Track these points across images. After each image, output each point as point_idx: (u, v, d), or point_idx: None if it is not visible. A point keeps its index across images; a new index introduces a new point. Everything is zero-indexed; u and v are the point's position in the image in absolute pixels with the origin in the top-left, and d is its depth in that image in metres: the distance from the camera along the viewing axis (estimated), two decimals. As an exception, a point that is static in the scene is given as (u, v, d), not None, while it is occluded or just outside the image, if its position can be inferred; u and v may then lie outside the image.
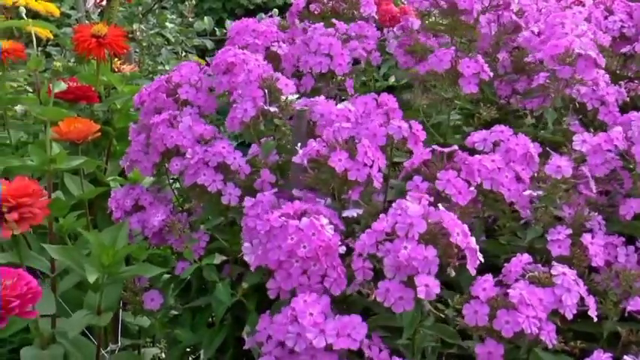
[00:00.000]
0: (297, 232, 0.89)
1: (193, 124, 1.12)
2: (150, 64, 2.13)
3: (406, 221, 0.83)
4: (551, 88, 1.13)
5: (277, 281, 0.91)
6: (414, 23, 1.34)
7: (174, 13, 2.58)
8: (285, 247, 0.89)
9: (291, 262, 0.89)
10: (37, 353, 1.18)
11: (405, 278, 0.83)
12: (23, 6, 1.61)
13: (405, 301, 0.83)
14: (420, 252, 0.82)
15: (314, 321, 0.84)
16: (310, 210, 0.93)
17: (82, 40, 1.46)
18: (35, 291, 0.88)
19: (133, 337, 1.44)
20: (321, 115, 1.05)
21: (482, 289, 0.85)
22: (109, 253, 1.10)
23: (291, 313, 0.85)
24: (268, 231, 0.91)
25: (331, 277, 0.89)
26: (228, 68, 1.16)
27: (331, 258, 0.90)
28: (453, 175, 0.94)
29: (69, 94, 1.46)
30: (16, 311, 0.85)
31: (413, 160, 0.99)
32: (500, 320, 0.82)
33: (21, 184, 1.11)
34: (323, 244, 0.89)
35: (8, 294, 0.85)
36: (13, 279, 0.87)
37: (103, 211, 1.40)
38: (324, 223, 0.90)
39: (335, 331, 0.84)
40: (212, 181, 1.07)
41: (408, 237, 0.83)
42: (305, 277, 0.89)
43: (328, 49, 1.22)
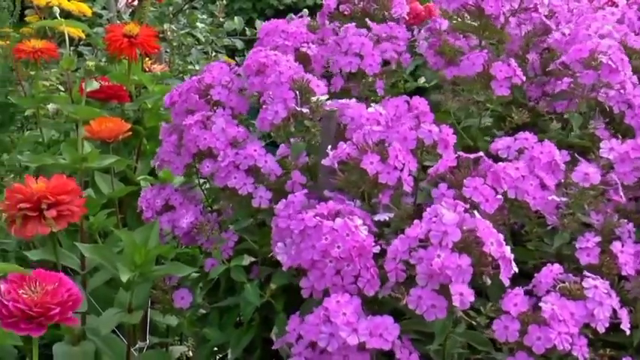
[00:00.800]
0: (331, 232, 0.89)
1: (226, 126, 1.13)
2: (180, 64, 2.15)
3: (440, 229, 0.83)
4: (576, 93, 1.12)
5: (310, 281, 0.91)
6: (441, 24, 1.33)
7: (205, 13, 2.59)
8: (319, 247, 0.89)
9: (325, 262, 0.89)
10: (68, 350, 1.20)
11: (437, 286, 0.82)
12: (56, 6, 1.63)
13: (437, 309, 0.82)
14: (454, 261, 0.81)
15: (347, 320, 0.84)
16: (344, 211, 0.94)
17: (113, 40, 1.47)
18: (76, 298, 0.87)
19: (161, 335, 1.45)
20: (352, 118, 1.04)
21: (514, 305, 0.84)
22: (141, 252, 1.11)
23: (324, 313, 0.86)
24: (302, 230, 0.91)
25: (365, 277, 0.89)
26: (259, 69, 1.16)
27: (365, 259, 0.90)
28: (479, 182, 0.93)
29: (100, 93, 1.48)
30: (57, 319, 0.84)
31: (438, 167, 0.98)
32: (532, 336, 0.82)
33: (59, 182, 1.12)
34: (357, 244, 0.89)
35: (49, 301, 0.84)
36: (54, 284, 0.86)
37: (132, 210, 1.41)
38: (359, 224, 0.90)
39: (368, 331, 0.84)
40: (243, 184, 1.07)
41: (442, 245, 0.82)
42: (338, 277, 0.90)
43: (359, 49, 1.22)
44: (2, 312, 0.83)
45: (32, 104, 1.54)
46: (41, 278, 0.86)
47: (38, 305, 0.83)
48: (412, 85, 1.46)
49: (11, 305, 0.83)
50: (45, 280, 0.86)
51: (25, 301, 0.83)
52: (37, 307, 0.83)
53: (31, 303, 0.83)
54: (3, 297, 0.84)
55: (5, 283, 0.85)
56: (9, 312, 0.83)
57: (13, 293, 0.84)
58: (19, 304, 0.83)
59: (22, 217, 1.09)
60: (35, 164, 1.39)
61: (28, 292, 0.85)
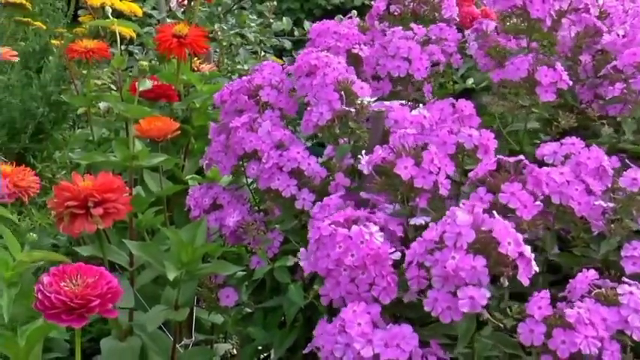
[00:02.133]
0: (345, 240, 0.89)
1: (272, 129, 1.13)
2: (229, 64, 2.16)
3: (454, 230, 0.82)
4: (629, 99, 1.09)
5: (327, 288, 0.91)
6: (488, 25, 1.32)
7: (253, 13, 2.61)
8: (333, 256, 0.89)
9: (340, 270, 0.89)
10: (115, 345, 1.21)
11: (452, 289, 0.81)
12: (109, 6, 1.65)
13: (452, 311, 0.81)
14: (468, 262, 0.80)
15: (362, 331, 0.84)
16: (362, 217, 0.93)
17: (163, 40, 1.49)
18: (115, 291, 0.88)
19: (206, 332, 1.47)
20: (396, 121, 1.04)
21: (538, 308, 0.82)
22: (188, 250, 1.12)
23: (340, 323, 0.86)
24: (318, 239, 0.91)
25: (380, 285, 0.89)
26: (310, 71, 1.16)
27: (380, 266, 0.89)
28: (517, 187, 0.92)
29: (150, 92, 1.49)
30: (96, 310, 0.86)
31: (477, 171, 0.97)
32: (556, 340, 0.80)
33: (106, 180, 1.14)
34: (371, 252, 0.88)
35: (89, 293, 0.86)
36: (95, 277, 0.88)
37: (180, 208, 1.42)
38: (374, 231, 0.90)
39: (383, 342, 0.83)
40: (286, 186, 1.08)
41: (457, 247, 0.81)
42: (353, 285, 0.89)
43: (407, 53, 1.21)
44: (45, 304, 0.85)
45: (84, 103, 1.56)
46: (82, 271, 0.88)
47: (79, 297, 0.85)
48: (461, 87, 1.45)
49: (53, 297, 0.85)
50: (86, 273, 0.88)
51: (66, 293, 0.85)
52: (78, 298, 0.85)
53: (72, 295, 0.85)
54: (45, 289, 0.86)
55: (48, 276, 0.87)
56: (51, 304, 0.85)
57: (55, 285, 0.86)
58: (61, 295, 0.85)
59: (70, 214, 1.11)
60: (86, 162, 1.41)
61: (69, 284, 0.87)
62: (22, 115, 1.83)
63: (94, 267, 0.90)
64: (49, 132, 1.90)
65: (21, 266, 0.91)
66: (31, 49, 1.95)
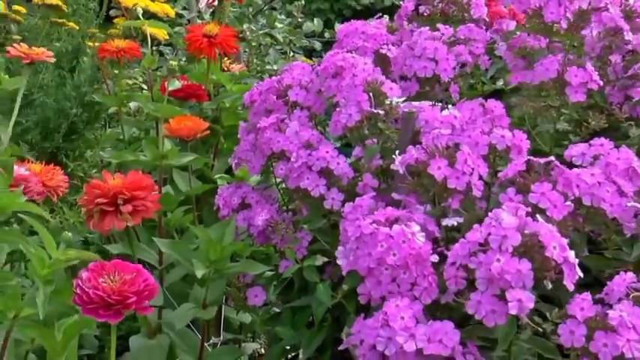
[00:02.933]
0: (387, 239, 0.88)
1: (300, 129, 1.13)
2: (258, 64, 2.17)
3: (500, 233, 0.81)
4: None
5: (367, 287, 0.91)
6: (508, 25, 1.31)
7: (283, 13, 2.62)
8: (374, 255, 0.88)
9: (381, 269, 0.89)
10: (145, 342, 1.23)
11: (497, 291, 0.81)
12: (141, 7, 1.67)
13: (497, 314, 0.81)
14: (514, 265, 0.80)
15: (405, 325, 0.84)
16: (403, 217, 0.93)
17: (194, 40, 1.50)
18: (152, 288, 0.89)
19: (234, 331, 1.47)
20: (426, 121, 1.04)
21: (580, 309, 0.81)
22: (217, 248, 1.13)
23: (383, 317, 0.85)
24: (359, 237, 0.91)
25: (421, 285, 0.88)
26: (337, 72, 1.16)
27: (422, 266, 0.89)
28: (547, 187, 0.91)
29: (180, 91, 1.51)
30: (133, 307, 0.87)
31: (507, 171, 0.96)
32: (598, 343, 0.79)
33: (135, 178, 1.15)
34: (413, 252, 0.88)
35: (126, 289, 0.87)
36: (132, 274, 0.89)
37: (209, 207, 1.43)
38: (415, 231, 0.89)
39: (426, 337, 0.83)
40: (315, 186, 1.08)
41: (502, 249, 0.81)
42: (394, 284, 0.89)
43: (433, 54, 1.20)
44: (83, 298, 0.87)
45: (115, 102, 1.58)
46: (120, 268, 0.90)
47: (116, 293, 0.86)
48: (490, 88, 1.44)
49: (91, 292, 0.86)
50: (123, 270, 0.90)
51: (104, 288, 0.87)
52: (115, 294, 0.86)
53: (110, 291, 0.87)
54: (84, 284, 0.87)
55: (86, 272, 0.89)
56: (89, 299, 0.86)
57: (93, 281, 0.87)
58: (99, 291, 0.86)
59: (100, 211, 1.13)
60: (116, 160, 1.42)
61: (107, 280, 0.88)
62: (56, 115, 1.85)
63: (131, 264, 0.91)
64: (82, 131, 1.92)
65: (57, 264, 0.92)
66: (65, 50, 1.98)
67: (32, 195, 1.11)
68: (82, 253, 0.95)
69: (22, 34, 1.95)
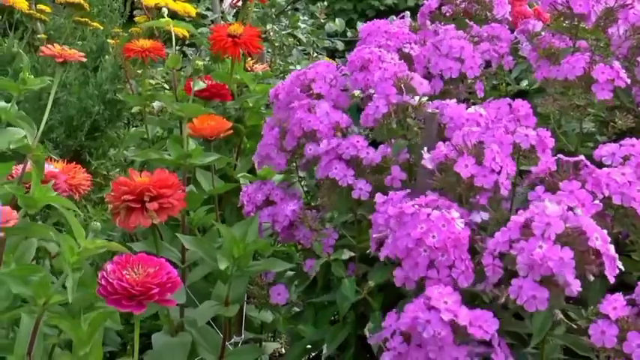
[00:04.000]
0: (427, 221, 0.89)
1: (330, 110, 1.14)
2: (281, 64, 2.18)
3: (544, 220, 0.82)
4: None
5: (404, 270, 0.91)
6: (535, 25, 1.30)
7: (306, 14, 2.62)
8: (414, 235, 0.89)
9: (419, 250, 0.89)
10: (167, 340, 1.23)
11: (538, 277, 0.81)
12: (164, 7, 1.68)
13: (538, 300, 0.81)
14: (556, 252, 0.80)
15: (448, 307, 0.84)
16: (443, 205, 0.94)
17: (218, 39, 1.50)
18: (174, 281, 0.91)
19: (255, 330, 1.48)
20: (451, 118, 1.04)
21: (613, 308, 0.81)
22: (240, 246, 1.13)
23: (425, 301, 0.86)
24: (399, 217, 0.91)
25: (459, 268, 0.89)
26: (363, 65, 1.17)
27: (460, 251, 0.89)
28: (577, 186, 0.91)
29: (204, 91, 1.51)
30: (156, 298, 0.89)
31: (537, 170, 0.97)
32: (631, 343, 0.79)
33: (162, 176, 1.16)
34: (452, 235, 0.89)
35: (150, 281, 0.89)
36: (156, 267, 0.91)
37: (231, 207, 1.44)
38: (455, 217, 0.90)
39: (468, 319, 0.84)
40: (343, 175, 1.08)
41: (544, 237, 0.81)
42: (433, 267, 0.90)
43: (459, 53, 1.20)
44: (107, 289, 0.89)
45: (139, 102, 1.58)
46: (143, 262, 0.92)
47: (139, 284, 0.88)
48: (514, 89, 1.44)
49: (116, 283, 0.88)
50: (147, 263, 0.92)
51: (127, 280, 0.88)
52: (139, 286, 0.88)
53: (133, 282, 0.88)
54: (108, 276, 0.89)
55: (111, 264, 0.91)
56: (113, 289, 0.88)
57: (117, 273, 0.89)
58: (123, 282, 0.88)
59: (126, 208, 1.14)
60: (141, 159, 1.43)
61: (130, 272, 0.90)
62: (79, 113, 1.87)
63: (154, 258, 0.93)
64: (104, 130, 1.94)
65: (85, 253, 0.94)
66: (89, 49, 1.99)
67: (59, 192, 1.12)
68: (109, 244, 0.97)
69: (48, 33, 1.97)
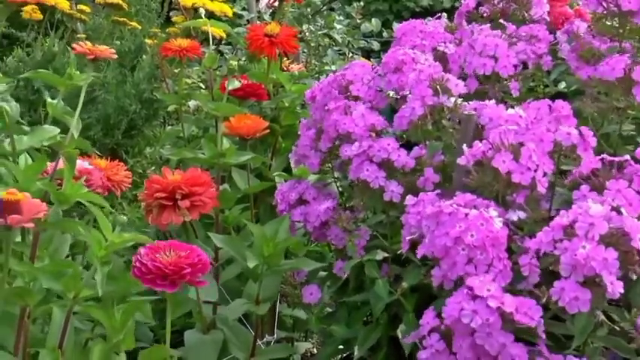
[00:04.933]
0: (465, 219, 0.89)
1: (366, 112, 1.14)
2: (316, 64, 2.18)
3: (587, 220, 0.81)
4: None
5: (443, 269, 0.91)
6: (579, 26, 1.28)
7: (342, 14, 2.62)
8: (452, 234, 0.89)
9: (458, 249, 0.89)
10: (200, 337, 1.24)
11: (581, 278, 0.80)
12: (200, 6, 1.69)
13: (580, 302, 0.80)
14: (600, 253, 0.79)
15: (492, 295, 0.84)
16: (480, 204, 0.94)
17: (255, 39, 1.51)
18: (205, 262, 0.95)
19: (287, 330, 1.48)
20: (490, 119, 1.03)
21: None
22: (270, 244, 1.14)
23: (467, 292, 0.86)
24: (437, 217, 0.91)
25: (497, 267, 0.89)
26: (397, 67, 1.16)
27: (498, 250, 0.89)
28: (623, 185, 0.90)
29: (239, 91, 1.52)
30: (187, 278, 0.93)
31: (581, 169, 0.96)
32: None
33: (194, 174, 1.17)
34: (491, 234, 0.88)
35: (182, 262, 0.93)
36: (187, 251, 0.96)
37: (266, 206, 1.44)
38: (493, 216, 0.90)
39: (514, 306, 0.83)
40: (375, 177, 1.08)
41: (588, 237, 0.81)
42: (471, 266, 0.89)
43: (494, 51, 1.19)
44: (142, 270, 0.94)
45: (175, 100, 1.59)
46: (174, 247, 0.97)
47: (172, 264, 0.93)
48: (552, 90, 1.42)
49: (150, 264, 0.93)
50: (178, 248, 0.97)
51: (161, 260, 0.93)
52: (172, 265, 0.93)
53: (166, 262, 0.93)
54: (142, 258, 0.94)
55: (144, 249, 0.96)
56: (147, 269, 0.93)
57: (150, 255, 0.95)
58: (156, 262, 0.93)
59: (158, 206, 1.15)
60: (176, 157, 1.44)
61: (163, 256, 0.95)
62: (116, 112, 1.89)
63: (185, 244, 0.98)
64: (141, 128, 1.96)
65: (112, 246, 0.97)
66: (127, 48, 2.01)
67: (95, 188, 1.13)
68: (137, 236, 0.99)
69: (87, 33, 1.99)
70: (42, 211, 0.90)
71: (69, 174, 0.99)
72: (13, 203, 0.87)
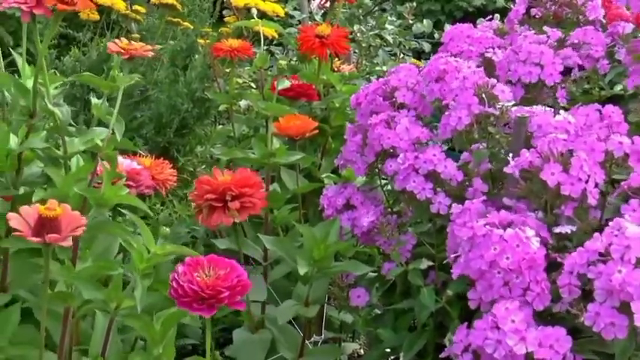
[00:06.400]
0: (500, 242, 0.87)
1: (410, 126, 1.13)
2: (367, 65, 2.17)
3: (623, 243, 0.78)
4: None
5: (478, 292, 0.90)
6: (625, 28, 1.25)
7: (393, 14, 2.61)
8: (487, 257, 0.87)
9: (493, 272, 0.87)
10: (248, 336, 1.25)
11: (617, 304, 0.78)
12: (253, 7, 1.70)
13: (616, 327, 0.78)
14: (637, 277, 0.77)
15: (515, 328, 0.82)
16: (517, 221, 0.91)
17: (306, 40, 1.51)
18: (244, 284, 0.91)
19: (334, 330, 1.48)
20: (539, 126, 1.01)
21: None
22: (320, 247, 1.14)
23: (492, 320, 0.84)
24: (471, 238, 0.90)
25: (534, 291, 0.86)
26: (439, 76, 1.15)
27: (535, 272, 0.87)
28: None
29: (290, 91, 1.52)
30: (225, 301, 0.89)
31: (631, 182, 0.93)
32: None
33: (244, 175, 1.18)
34: (527, 256, 0.86)
35: (220, 284, 0.89)
36: (226, 269, 0.91)
37: (314, 206, 1.44)
38: (530, 235, 0.87)
39: (537, 341, 0.81)
40: (421, 189, 1.07)
41: (624, 260, 0.78)
42: (506, 289, 0.87)
43: (539, 58, 1.17)
44: (178, 292, 0.89)
45: (226, 100, 1.61)
46: (214, 263, 0.91)
47: (210, 287, 0.88)
48: (608, 93, 1.39)
49: (186, 286, 0.88)
50: (218, 265, 0.91)
51: (198, 283, 0.88)
52: (209, 289, 0.88)
53: (204, 285, 0.88)
54: (179, 278, 0.89)
55: (182, 266, 0.91)
56: (184, 292, 0.88)
57: (188, 275, 0.89)
58: (193, 285, 0.88)
59: (208, 207, 1.16)
60: (226, 157, 1.45)
61: (201, 275, 0.90)
62: (168, 111, 1.91)
63: (225, 259, 0.93)
64: (192, 127, 1.98)
65: (154, 259, 0.95)
66: (179, 48, 2.04)
67: (143, 189, 1.14)
68: (180, 249, 0.98)
69: (142, 33, 2.02)
70: (80, 226, 0.87)
71: (108, 177, 0.98)
72: (51, 220, 0.84)
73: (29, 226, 0.85)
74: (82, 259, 1.00)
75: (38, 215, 0.85)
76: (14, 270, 1.01)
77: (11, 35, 2.85)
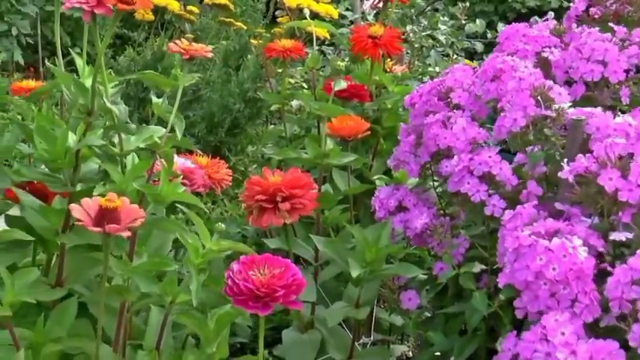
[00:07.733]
0: (546, 252, 0.85)
1: (467, 126, 1.12)
2: (419, 66, 2.16)
3: None
4: None
5: (523, 301, 0.88)
6: None
7: (446, 15, 2.59)
8: (532, 268, 0.85)
9: (539, 283, 0.86)
10: (297, 337, 1.25)
11: None
12: (306, 8, 1.70)
13: None
14: None
15: (565, 341, 0.80)
16: (563, 229, 0.89)
17: (358, 40, 1.51)
18: (299, 283, 0.91)
19: (383, 332, 1.47)
20: (597, 128, 0.99)
21: None
22: (372, 250, 1.13)
23: (541, 331, 0.82)
24: (517, 249, 0.88)
25: (582, 302, 0.84)
26: (495, 75, 1.13)
27: (583, 283, 0.84)
28: None
29: (342, 91, 1.52)
30: (280, 300, 0.89)
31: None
32: None
33: (294, 176, 1.18)
34: (574, 267, 0.84)
35: (275, 283, 0.89)
36: (281, 268, 0.91)
37: (365, 208, 1.44)
38: (577, 245, 0.85)
39: (588, 354, 0.79)
40: (476, 191, 1.05)
41: None
42: (553, 300, 0.85)
43: (603, 55, 1.14)
44: (233, 290, 0.90)
45: (278, 100, 1.61)
46: (269, 262, 0.92)
47: (265, 286, 0.89)
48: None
49: (242, 284, 0.89)
50: (273, 264, 0.92)
51: (253, 281, 0.89)
52: (264, 287, 0.89)
53: (259, 283, 0.89)
54: (235, 276, 0.90)
55: (237, 264, 0.92)
56: (239, 290, 0.89)
57: (243, 273, 0.90)
58: (249, 283, 0.89)
59: (259, 208, 1.16)
60: (279, 157, 1.46)
61: (256, 273, 0.90)
62: (220, 110, 1.93)
63: (280, 259, 0.93)
64: (244, 127, 1.99)
65: (210, 254, 0.96)
66: (232, 48, 2.05)
67: (197, 187, 1.15)
68: (235, 245, 0.99)
69: (195, 33, 2.04)
70: (139, 217, 0.88)
71: (165, 174, 0.99)
72: (111, 211, 0.87)
73: (90, 217, 0.87)
74: (138, 255, 1.01)
75: (99, 206, 0.87)
76: (70, 265, 1.03)
77: (69, 36, 2.91)
